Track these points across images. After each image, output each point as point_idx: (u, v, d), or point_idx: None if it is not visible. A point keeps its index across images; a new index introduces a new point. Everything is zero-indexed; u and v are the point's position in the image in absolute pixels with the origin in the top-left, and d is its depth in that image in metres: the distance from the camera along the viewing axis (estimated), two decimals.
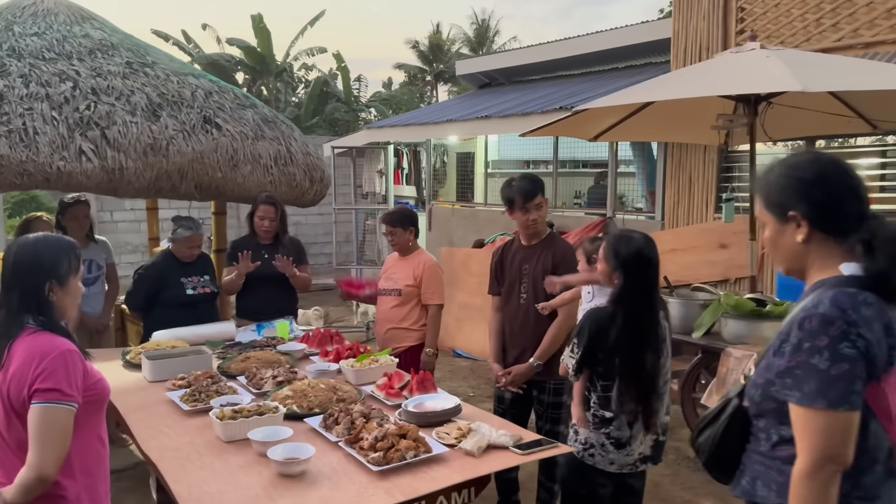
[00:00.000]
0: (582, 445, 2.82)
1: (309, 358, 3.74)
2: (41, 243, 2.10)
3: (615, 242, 2.69)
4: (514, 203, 3.43)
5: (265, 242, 4.46)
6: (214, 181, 4.56)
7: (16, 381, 1.92)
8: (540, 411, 3.47)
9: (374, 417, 2.67)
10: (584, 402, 2.82)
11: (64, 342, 1.98)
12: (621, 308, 2.64)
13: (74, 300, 2.14)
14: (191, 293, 4.28)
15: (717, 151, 6.68)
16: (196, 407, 2.92)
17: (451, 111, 10.11)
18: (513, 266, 3.51)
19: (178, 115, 4.54)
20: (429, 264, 4.17)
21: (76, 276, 2.13)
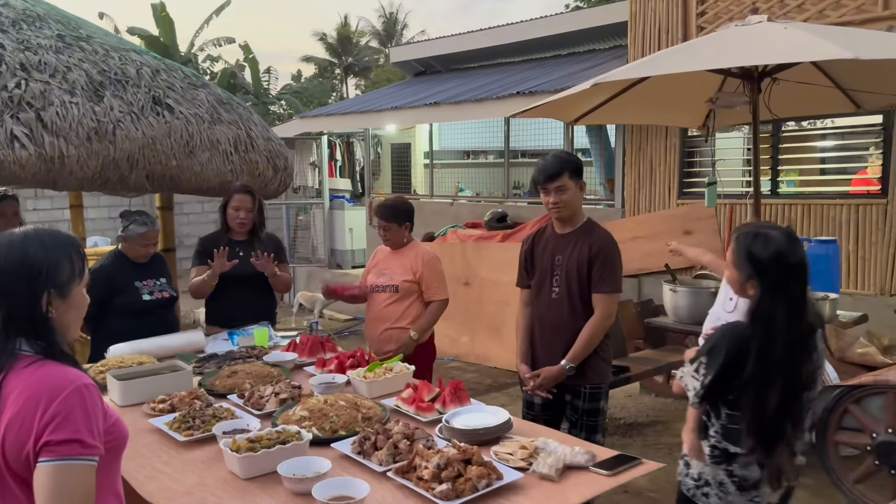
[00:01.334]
0: (694, 481, 2.31)
1: (303, 369, 3.28)
2: (32, 241, 1.56)
3: (747, 242, 2.14)
4: (537, 183, 3.10)
5: (240, 238, 3.96)
6: (168, 170, 4.01)
7: (14, 433, 1.42)
8: (574, 418, 3.14)
9: (418, 439, 2.28)
10: (702, 430, 2.31)
11: (77, 374, 1.50)
12: (759, 328, 2.09)
13: (79, 314, 1.64)
14: (147, 299, 3.72)
15: (678, 136, 6.58)
16: (193, 436, 2.43)
17: (390, 99, 9.68)
18: (544, 256, 3.16)
19: (124, 95, 3.96)
20: (427, 256, 3.79)
21: (80, 281, 1.62)
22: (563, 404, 3.16)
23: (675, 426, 4.83)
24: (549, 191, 3.05)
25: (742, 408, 2.15)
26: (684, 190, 6.62)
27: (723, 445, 2.23)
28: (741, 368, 2.11)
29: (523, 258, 3.27)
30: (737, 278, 2.19)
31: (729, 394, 2.18)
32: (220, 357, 3.39)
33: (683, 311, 4.08)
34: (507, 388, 6.12)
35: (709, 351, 2.19)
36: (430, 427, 2.50)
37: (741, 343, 2.12)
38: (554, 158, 3.09)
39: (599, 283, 3.01)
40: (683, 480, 2.36)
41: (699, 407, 2.26)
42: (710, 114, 5.08)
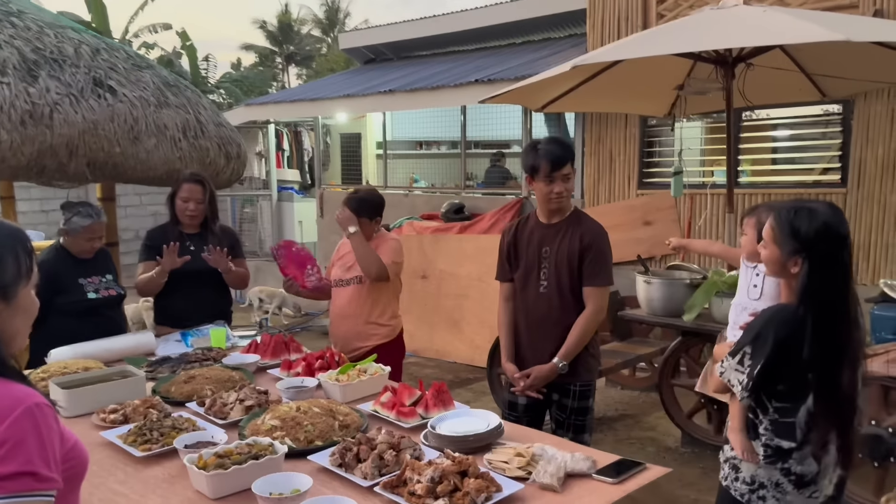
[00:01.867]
0: (748, 486, 2.14)
1: (266, 372, 3.04)
2: None
3: (791, 217, 2.00)
4: (537, 170, 2.87)
5: (191, 231, 3.67)
6: (112, 157, 3.70)
7: None
8: (561, 418, 2.98)
9: (404, 448, 2.09)
10: (750, 429, 2.15)
11: (26, 392, 1.25)
12: (811, 307, 1.96)
13: (27, 320, 1.38)
14: (93, 297, 3.41)
15: (638, 126, 6.52)
16: (152, 451, 2.18)
17: (341, 87, 9.38)
18: (530, 248, 2.98)
19: (62, 75, 3.63)
20: (391, 240, 3.58)
21: (28, 282, 1.36)
22: (548, 404, 3.01)
23: (645, 420, 4.77)
24: (555, 179, 2.85)
25: (799, 397, 2.02)
26: (644, 180, 6.57)
27: (775, 443, 2.09)
28: (793, 354, 1.98)
29: (505, 249, 3.10)
30: (777, 257, 2.05)
31: (778, 384, 2.04)
32: (174, 360, 3.12)
33: (657, 304, 3.99)
34: (470, 383, 5.97)
35: (753, 339, 2.04)
36: (414, 433, 2.31)
37: (791, 326, 1.98)
38: (557, 145, 2.90)
39: (591, 277, 2.86)
40: (733, 486, 2.19)
41: (748, 401, 2.11)
42: (677, 101, 5.01)
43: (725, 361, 2.14)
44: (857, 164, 5.38)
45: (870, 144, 5.30)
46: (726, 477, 2.23)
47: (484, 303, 6.78)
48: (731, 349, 2.15)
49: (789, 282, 2.06)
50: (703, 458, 4.05)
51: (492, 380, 4.81)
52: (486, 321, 6.75)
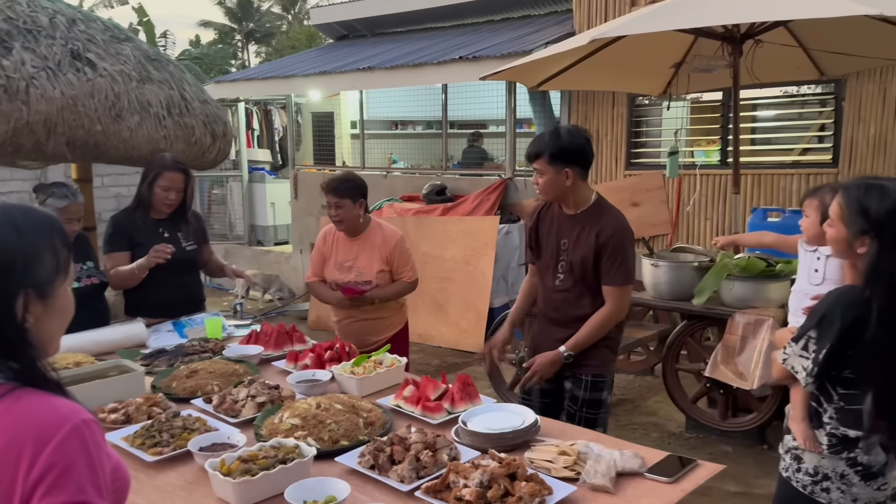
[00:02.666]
0: (811, 477, 2.06)
1: (271, 364, 2.87)
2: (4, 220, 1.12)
3: (861, 195, 1.91)
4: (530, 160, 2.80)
5: (160, 217, 3.43)
6: (92, 136, 3.46)
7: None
8: (573, 410, 2.85)
9: (440, 448, 1.96)
10: (813, 418, 2.07)
11: (71, 407, 1.08)
12: (878, 288, 1.86)
13: (63, 322, 1.20)
14: (76, 286, 3.16)
15: (626, 105, 6.43)
16: (164, 454, 2.01)
17: (314, 63, 9.09)
18: (550, 238, 2.84)
19: (37, 47, 3.36)
20: (396, 237, 3.44)
21: (65, 278, 1.18)
22: (562, 394, 2.89)
23: (644, 404, 4.71)
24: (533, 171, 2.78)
25: (865, 382, 1.93)
26: (632, 160, 6.49)
27: (841, 432, 2.00)
28: (860, 338, 1.89)
29: (529, 235, 2.97)
30: (843, 236, 1.96)
31: (845, 369, 1.95)
32: (171, 353, 2.92)
33: (664, 287, 3.91)
34: (459, 368, 5.87)
35: (818, 323, 1.95)
36: (441, 430, 2.18)
37: (858, 308, 1.89)
38: (536, 138, 2.79)
39: (609, 276, 2.71)
40: (795, 477, 2.10)
41: (814, 388, 2.01)
42: (674, 79, 4.92)
43: (788, 347, 2.06)
44: (848, 143, 5.37)
45: (861, 124, 5.29)
46: (787, 468, 2.15)
47: (470, 286, 6.67)
48: (793, 335, 2.07)
49: (854, 263, 1.98)
50: (709, 444, 4.00)
51: (491, 370, 4.69)
52: (472, 304, 6.64)
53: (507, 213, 7.11)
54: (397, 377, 2.62)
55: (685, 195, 6.14)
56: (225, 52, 32.36)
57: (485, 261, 6.64)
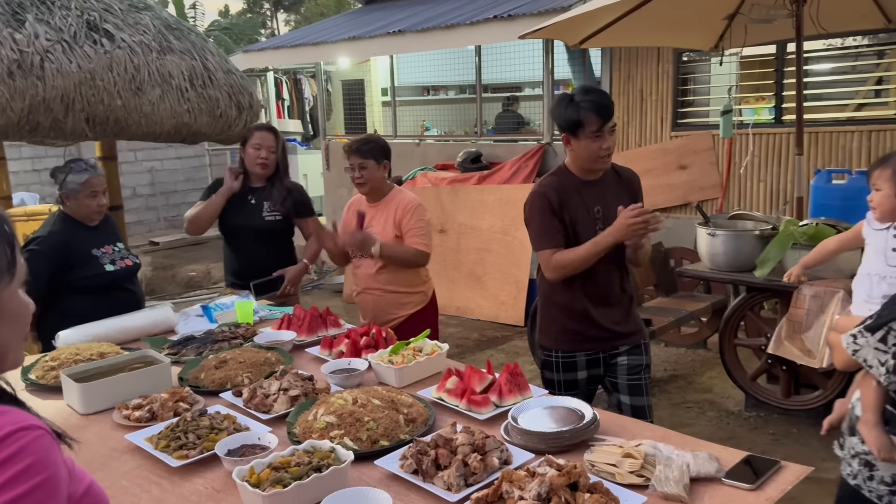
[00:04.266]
0: (887, 486, 1.86)
1: (304, 351, 2.70)
2: None
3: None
4: (581, 126, 2.46)
5: (258, 185, 3.48)
6: (112, 111, 3.29)
7: None
8: (636, 381, 2.65)
9: (490, 451, 1.77)
10: (889, 420, 1.83)
11: (21, 416, 0.93)
12: None
13: (18, 329, 1.05)
14: (111, 269, 3.07)
15: (672, 61, 6.07)
16: (189, 458, 1.85)
17: (344, 29, 8.83)
18: (580, 210, 2.58)
19: (51, 19, 3.19)
20: (412, 203, 3.23)
21: (11, 280, 1.02)
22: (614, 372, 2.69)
23: (698, 380, 4.47)
24: (604, 133, 2.48)
25: None
26: (679, 121, 6.14)
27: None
28: None
29: (545, 215, 2.61)
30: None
31: None
32: (199, 340, 2.77)
33: (722, 258, 3.64)
34: (499, 343, 5.67)
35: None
36: (489, 426, 1.99)
37: None
38: (599, 93, 2.54)
39: None
40: (867, 485, 1.88)
41: (888, 382, 1.77)
42: (727, 32, 4.57)
43: (861, 337, 1.81)
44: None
45: None
46: (855, 475, 1.92)
47: (509, 257, 6.45)
48: (864, 323, 1.82)
49: None
50: (770, 423, 3.76)
51: (533, 344, 4.49)
52: (510, 275, 6.42)
53: None
54: (438, 365, 2.43)
55: (736, 156, 5.79)
56: (254, 22, 32.21)
57: (524, 230, 6.35)
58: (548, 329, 2.75)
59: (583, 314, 2.64)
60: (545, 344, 2.75)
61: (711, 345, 4.83)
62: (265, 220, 3.46)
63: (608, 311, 2.65)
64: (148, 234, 11.47)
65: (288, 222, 3.55)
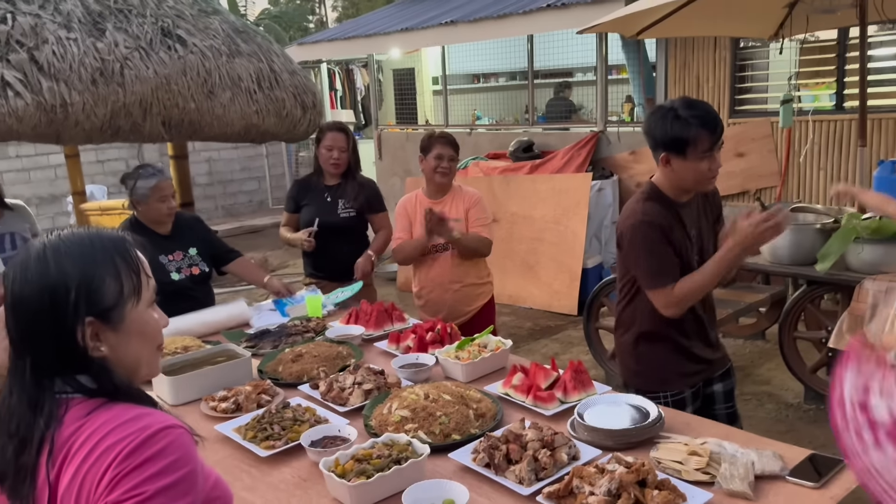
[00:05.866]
0: None
1: (372, 345, 2.83)
2: (55, 253, 1.11)
3: None
4: (690, 144, 2.21)
5: (332, 183, 3.65)
6: (187, 114, 3.46)
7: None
8: (729, 409, 2.60)
9: (559, 447, 1.85)
10: None
11: (164, 416, 1.07)
12: None
13: (148, 344, 1.18)
14: (176, 278, 3.17)
15: (728, 48, 5.99)
16: (276, 448, 1.99)
17: (396, 20, 8.92)
18: (681, 236, 2.37)
19: (128, 27, 3.36)
20: (476, 195, 3.41)
21: (138, 301, 1.16)
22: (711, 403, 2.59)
23: (756, 372, 4.47)
24: (714, 152, 2.24)
25: None
26: (736, 108, 6.07)
27: None
28: None
29: (666, 244, 2.33)
30: None
31: None
32: (274, 334, 2.92)
33: (783, 251, 3.63)
34: (553, 332, 5.73)
35: None
36: (555, 422, 2.07)
37: None
38: (704, 107, 2.27)
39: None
40: None
41: None
42: (787, 20, 4.50)
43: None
44: None
45: None
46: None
47: (562, 246, 6.48)
48: None
49: None
50: None
51: (589, 335, 4.55)
52: (563, 265, 6.47)
53: (598, 168, 6.84)
54: (502, 361, 2.52)
55: (795, 144, 5.71)
56: (303, 9, 32.51)
57: (576, 220, 6.42)
58: (648, 372, 2.50)
59: (687, 348, 2.47)
60: (645, 388, 2.40)
61: (770, 336, 4.80)
62: (340, 216, 3.63)
63: (706, 338, 2.52)
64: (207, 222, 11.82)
65: (362, 217, 3.71)
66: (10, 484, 1.06)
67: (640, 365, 2.53)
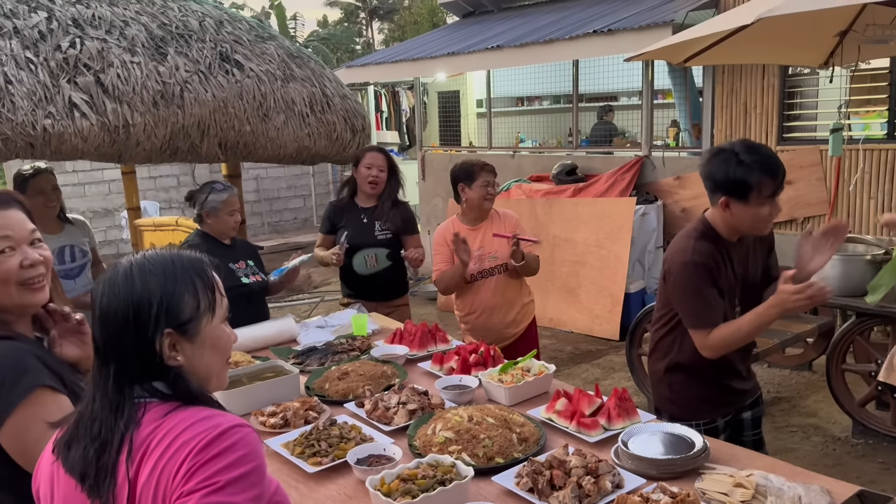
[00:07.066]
0: None
1: (417, 366, 2.87)
2: (140, 272, 1.22)
3: None
4: (752, 190, 2.21)
5: (367, 205, 3.74)
6: (242, 136, 3.57)
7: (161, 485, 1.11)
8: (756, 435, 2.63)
9: (603, 474, 1.86)
10: None
11: (233, 417, 1.17)
12: None
13: (219, 356, 1.29)
14: (247, 282, 3.38)
15: (777, 75, 5.94)
16: (323, 465, 2.04)
17: (442, 44, 9.05)
18: (729, 275, 2.39)
19: (189, 51, 3.49)
20: (515, 217, 3.52)
21: (213, 317, 1.26)
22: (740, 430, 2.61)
23: (802, 403, 4.39)
24: (775, 199, 2.25)
25: None
26: (784, 135, 6.01)
27: None
28: None
29: (712, 286, 2.33)
30: None
31: None
32: (321, 351, 2.98)
33: (832, 282, 3.56)
34: (594, 357, 5.70)
35: None
36: (599, 449, 2.08)
37: None
38: (766, 152, 2.25)
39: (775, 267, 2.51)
40: None
41: None
42: (837, 49, 4.47)
43: None
44: None
45: None
46: None
47: (604, 270, 6.46)
48: None
49: None
50: (879, 451, 3.67)
51: (632, 361, 4.52)
52: (605, 289, 6.44)
53: (643, 192, 6.81)
54: (545, 386, 2.54)
55: (845, 172, 5.62)
56: (350, 31, 33.23)
57: (620, 244, 6.40)
58: (681, 400, 2.53)
59: (720, 381, 2.49)
60: (678, 415, 2.45)
61: (817, 367, 4.71)
62: (377, 238, 3.69)
63: (740, 371, 2.53)
64: (253, 238, 12.06)
65: (397, 238, 3.77)
66: (92, 483, 1.15)
67: (674, 393, 2.55)
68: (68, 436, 1.21)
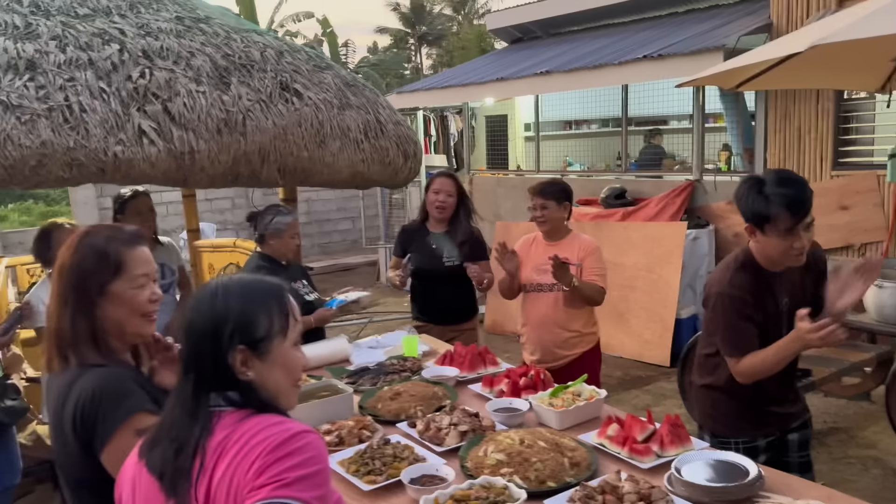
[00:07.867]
0: None
1: (467, 388, 2.91)
2: (224, 293, 1.33)
3: None
4: (770, 221, 2.26)
5: (438, 230, 3.83)
6: (300, 162, 3.68)
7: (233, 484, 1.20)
8: (804, 458, 2.60)
9: (656, 500, 1.87)
10: None
11: (299, 423, 1.26)
12: None
13: (287, 376, 1.37)
14: (310, 299, 3.54)
15: (832, 99, 5.86)
16: (377, 483, 2.09)
17: (491, 70, 9.16)
18: (770, 305, 2.41)
19: (251, 81, 3.63)
20: (592, 244, 3.47)
21: (283, 339, 1.35)
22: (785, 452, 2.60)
23: (861, 434, 4.27)
24: (797, 231, 2.24)
25: None
26: (840, 160, 5.91)
27: None
28: None
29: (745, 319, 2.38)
30: None
31: None
32: (373, 371, 3.05)
33: (890, 311, 3.51)
34: (644, 384, 5.65)
35: None
36: (651, 475, 2.08)
37: None
38: (796, 185, 2.26)
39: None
40: None
41: None
42: (895, 73, 4.39)
43: None
44: None
45: None
46: None
47: (654, 295, 6.41)
48: None
49: None
50: None
51: (684, 387, 4.47)
52: (655, 314, 6.38)
53: (694, 217, 6.75)
54: (596, 411, 2.55)
55: None
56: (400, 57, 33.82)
57: (670, 269, 6.35)
58: (722, 418, 2.57)
59: (762, 405, 2.51)
60: (719, 432, 2.55)
61: (876, 397, 4.59)
62: (445, 265, 3.78)
63: (785, 390, 2.55)
64: (303, 259, 12.30)
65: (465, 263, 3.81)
66: (169, 482, 1.25)
67: (716, 410, 2.60)
68: (152, 438, 1.32)
